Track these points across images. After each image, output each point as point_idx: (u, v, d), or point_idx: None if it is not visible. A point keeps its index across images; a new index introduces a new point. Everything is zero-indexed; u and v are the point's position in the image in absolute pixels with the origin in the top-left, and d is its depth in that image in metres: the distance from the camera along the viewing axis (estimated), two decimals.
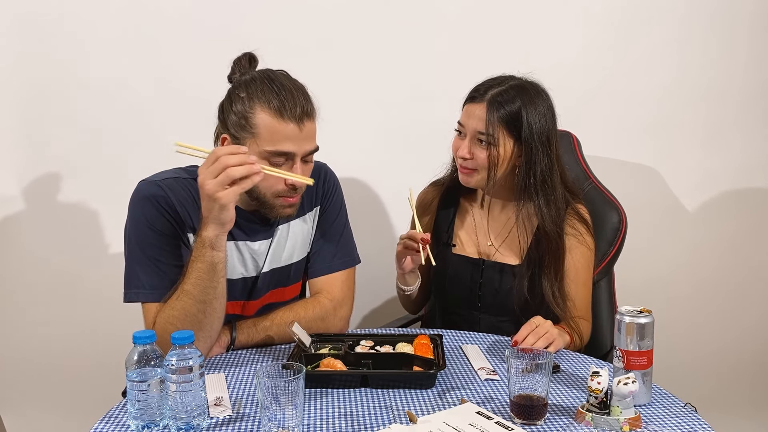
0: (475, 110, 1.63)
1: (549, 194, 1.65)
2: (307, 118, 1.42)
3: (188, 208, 1.49)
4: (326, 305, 1.61)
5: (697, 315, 2.45)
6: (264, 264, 1.61)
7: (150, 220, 1.45)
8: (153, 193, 1.46)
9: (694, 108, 2.32)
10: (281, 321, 1.56)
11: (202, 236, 1.36)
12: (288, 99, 1.40)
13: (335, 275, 1.66)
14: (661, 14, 2.26)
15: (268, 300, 1.65)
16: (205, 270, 1.36)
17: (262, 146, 1.40)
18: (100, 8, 2.13)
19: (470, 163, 1.66)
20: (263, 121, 1.40)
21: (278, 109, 1.39)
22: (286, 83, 1.44)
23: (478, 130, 1.62)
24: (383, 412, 1.22)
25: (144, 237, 1.45)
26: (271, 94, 1.40)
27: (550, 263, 1.65)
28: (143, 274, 1.45)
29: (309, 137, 1.44)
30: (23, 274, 2.27)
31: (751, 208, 2.40)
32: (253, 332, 1.55)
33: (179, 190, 1.50)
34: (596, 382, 1.16)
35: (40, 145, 2.20)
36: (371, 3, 2.21)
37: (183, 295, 1.38)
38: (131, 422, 1.16)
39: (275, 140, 1.40)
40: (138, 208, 1.46)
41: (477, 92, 1.65)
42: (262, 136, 1.40)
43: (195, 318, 1.37)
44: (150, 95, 2.18)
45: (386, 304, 2.18)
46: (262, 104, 1.40)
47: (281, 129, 1.40)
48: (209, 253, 1.36)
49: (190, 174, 1.53)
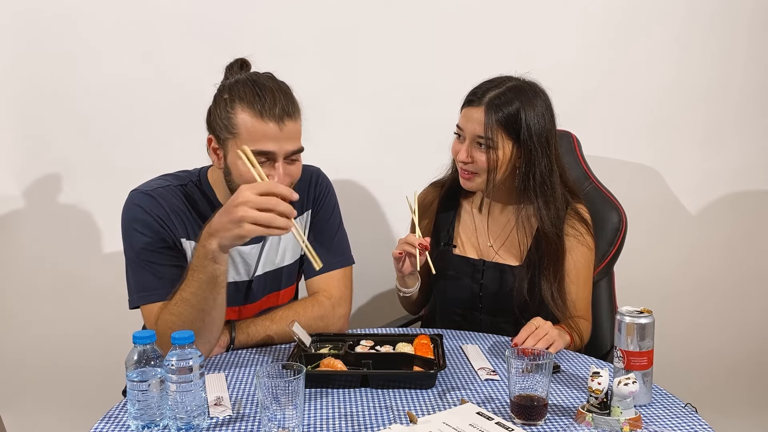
0: (474, 114, 1.62)
1: (548, 195, 1.65)
2: (288, 117, 1.42)
3: (180, 215, 1.51)
4: (325, 304, 1.61)
5: (696, 314, 2.45)
6: (257, 267, 1.62)
7: (142, 226, 1.47)
8: (144, 202, 1.48)
9: (693, 108, 2.32)
10: (280, 320, 1.56)
11: (206, 248, 1.34)
12: (268, 99, 1.40)
13: (332, 274, 1.66)
14: (661, 14, 2.26)
15: (264, 305, 1.66)
16: (206, 281, 1.36)
17: (243, 146, 1.40)
18: (101, 7, 2.13)
19: (470, 167, 1.66)
20: (243, 121, 1.40)
21: (258, 109, 1.40)
22: (268, 84, 1.44)
23: (477, 133, 1.62)
24: (383, 412, 1.22)
25: (137, 242, 1.47)
26: (252, 95, 1.41)
27: (549, 264, 1.65)
28: (141, 278, 1.48)
29: (290, 137, 1.43)
30: (23, 273, 2.27)
31: (750, 208, 2.40)
32: (253, 332, 1.55)
33: (170, 197, 1.51)
34: (597, 383, 1.16)
35: (40, 145, 2.20)
36: (371, 3, 2.21)
37: (182, 303, 1.38)
38: (131, 422, 1.16)
39: (255, 140, 1.40)
40: (130, 216, 1.49)
41: (474, 95, 1.65)
42: (242, 136, 1.40)
43: (193, 325, 1.36)
44: (150, 95, 2.18)
45: (386, 304, 2.18)
46: (242, 105, 1.41)
47: (261, 128, 1.40)
48: (211, 266, 1.35)
49: (180, 180, 1.56)
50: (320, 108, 2.24)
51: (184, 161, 1.66)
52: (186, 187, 1.55)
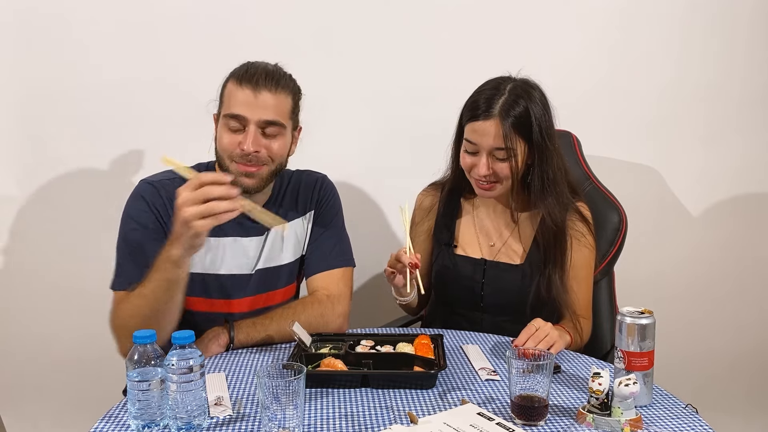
0: (487, 127, 1.59)
1: (559, 192, 1.65)
2: (266, 88, 1.49)
3: None
4: (324, 301, 1.62)
5: (697, 314, 2.45)
6: (258, 262, 1.64)
7: (137, 214, 1.54)
8: (145, 191, 1.56)
9: (694, 108, 2.32)
10: (280, 319, 1.56)
11: (170, 253, 1.35)
12: (251, 70, 1.51)
13: (332, 272, 1.68)
14: (661, 14, 2.26)
15: (259, 303, 1.66)
16: (165, 282, 1.37)
17: (222, 111, 1.52)
18: (101, 8, 2.13)
19: (492, 177, 1.64)
20: (227, 89, 1.53)
21: (239, 77, 1.50)
22: (261, 63, 1.54)
23: (496, 146, 1.59)
24: (384, 412, 1.22)
25: (128, 228, 1.55)
26: (241, 67, 1.53)
27: (554, 260, 1.65)
28: (123, 263, 1.54)
29: (265, 106, 1.50)
30: (23, 273, 2.27)
31: (750, 208, 2.40)
32: (252, 331, 1.55)
33: (173, 190, 1.50)
34: (597, 383, 1.16)
35: (41, 145, 2.19)
36: (371, 3, 2.20)
37: (140, 297, 1.40)
38: (131, 422, 1.16)
39: (230, 104, 1.50)
40: (130, 203, 1.57)
41: (479, 109, 1.61)
42: (224, 103, 1.53)
43: (147, 318, 1.37)
44: (151, 95, 2.17)
45: (387, 303, 2.18)
46: (231, 76, 1.53)
47: (237, 93, 1.49)
48: (172, 269, 1.36)
49: None
50: (320, 108, 2.25)
51: (185, 161, 1.65)
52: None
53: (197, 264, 1.58)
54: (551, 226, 1.65)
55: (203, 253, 1.57)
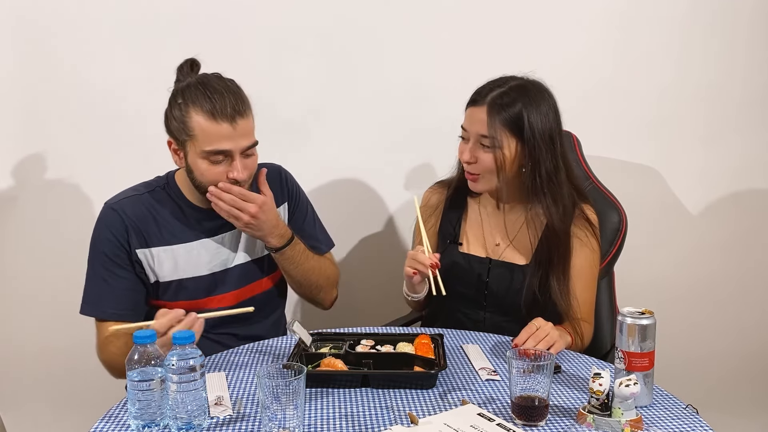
0: (477, 114, 1.62)
1: (556, 193, 1.64)
2: (239, 116, 1.50)
3: (141, 224, 1.58)
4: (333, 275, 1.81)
5: (697, 314, 2.45)
6: (236, 256, 1.68)
7: (101, 242, 1.57)
8: (108, 218, 1.58)
9: (694, 108, 2.32)
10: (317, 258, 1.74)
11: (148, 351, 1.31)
12: (218, 100, 1.48)
13: (327, 256, 1.82)
14: (661, 14, 2.25)
15: (245, 294, 1.69)
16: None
17: (200, 147, 1.49)
18: (101, 8, 2.12)
19: (474, 168, 1.65)
20: (198, 124, 1.49)
21: (210, 111, 1.48)
22: (217, 86, 1.51)
23: (481, 133, 1.61)
24: (384, 413, 1.22)
25: (95, 256, 1.58)
26: (203, 98, 1.49)
27: (558, 262, 1.65)
28: (89, 290, 1.58)
29: (244, 134, 1.51)
30: (23, 273, 2.27)
31: (751, 208, 2.40)
32: (303, 248, 1.68)
33: (134, 208, 1.60)
34: (598, 384, 1.16)
35: (41, 146, 2.19)
36: (371, 3, 2.20)
37: (125, 346, 1.37)
38: (131, 422, 1.16)
39: (211, 140, 1.49)
40: (95, 229, 1.60)
41: (478, 95, 1.64)
42: (199, 138, 1.49)
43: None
44: (151, 96, 2.16)
45: (387, 303, 2.18)
46: (195, 108, 1.49)
47: (215, 130, 1.48)
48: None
49: (149, 187, 1.65)
50: (320, 108, 2.25)
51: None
52: (153, 192, 1.64)
53: (177, 272, 1.61)
54: (552, 228, 1.65)
55: (180, 261, 1.61)
